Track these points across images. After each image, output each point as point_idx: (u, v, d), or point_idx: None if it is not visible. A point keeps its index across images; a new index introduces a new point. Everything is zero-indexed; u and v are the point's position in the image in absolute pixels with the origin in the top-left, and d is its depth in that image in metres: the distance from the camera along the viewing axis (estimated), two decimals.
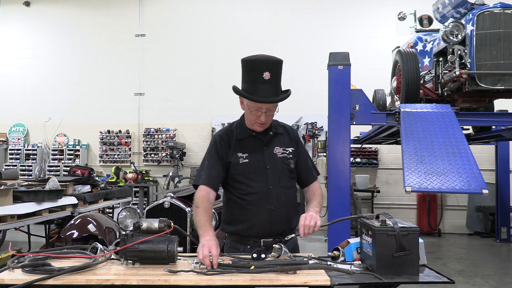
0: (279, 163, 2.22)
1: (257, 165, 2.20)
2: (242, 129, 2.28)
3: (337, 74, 4.69)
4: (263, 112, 2.14)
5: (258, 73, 2.07)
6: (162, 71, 10.06)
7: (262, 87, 2.07)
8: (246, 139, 2.25)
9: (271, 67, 2.08)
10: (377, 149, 9.18)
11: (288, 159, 2.25)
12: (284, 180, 2.23)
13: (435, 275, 1.86)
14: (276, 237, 2.18)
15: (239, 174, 2.21)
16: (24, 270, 1.69)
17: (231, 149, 2.24)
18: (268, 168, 2.20)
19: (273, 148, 2.24)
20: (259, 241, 2.17)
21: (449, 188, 3.64)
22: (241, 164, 2.20)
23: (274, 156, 2.23)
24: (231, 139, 2.26)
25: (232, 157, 2.22)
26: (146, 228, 1.89)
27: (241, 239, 2.21)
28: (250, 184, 2.18)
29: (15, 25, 10.76)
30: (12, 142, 10.44)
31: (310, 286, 1.65)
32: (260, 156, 2.21)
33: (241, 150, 2.22)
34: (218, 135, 2.32)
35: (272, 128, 2.29)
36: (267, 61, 2.09)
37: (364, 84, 5.97)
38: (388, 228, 1.82)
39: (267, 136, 2.26)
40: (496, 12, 4.62)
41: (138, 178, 9.12)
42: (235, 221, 2.23)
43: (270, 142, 2.26)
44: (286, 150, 2.26)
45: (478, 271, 5.74)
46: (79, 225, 3.73)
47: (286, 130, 2.35)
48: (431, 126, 4.27)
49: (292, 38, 9.56)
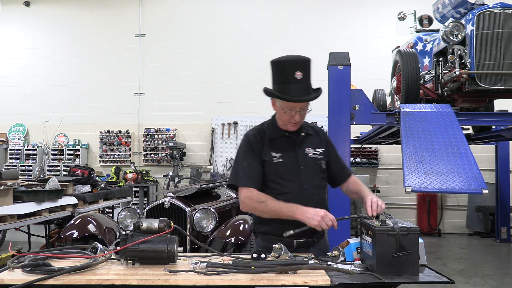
0: (311, 164, 2.24)
1: (291, 165, 2.20)
2: (274, 129, 2.27)
3: (337, 74, 4.69)
4: (297, 111, 2.14)
5: (290, 73, 2.08)
6: (162, 71, 10.06)
7: (295, 87, 2.08)
8: (279, 139, 2.24)
9: (302, 66, 2.10)
10: (377, 149, 9.18)
11: (319, 160, 2.27)
12: (316, 180, 2.24)
13: (435, 275, 1.86)
14: (309, 238, 2.18)
15: (273, 173, 2.20)
16: (24, 270, 1.69)
17: (264, 148, 2.23)
18: (301, 168, 2.21)
19: (305, 149, 2.25)
20: (292, 241, 2.16)
21: (449, 188, 3.65)
22: (275, 164, 2.20)
23: (306, 156, 2.24)
24: (264, 138, 2.25)
25: (266, 156, 2.21)
26: (146, 228, 1.89)
27: (274, 239, 2.18)
28: (284, 184, 2.18)
29: (15, 25, 10.76)
30: (12, 142, 10.44)
31: (310, 286, 1.65)
32: (293, 156, 2.22)
33: (275, 150, 2.22)
34: (251, 134, 2.29)
35: (303, 129, 2.29)
36: (298, 60, 2.12)
37: (364, 84, 5.97)
38: (388, 228, 1.82)
39: (300, 137, 2.27)
40: (496, 12, 4.62)
41: (138, 178, 9.12)
42: (268, 220, 2.21)
43: (302, 143, 2.26)
44: (316, 151, 2.28)
45: (478, 271, 5.74)
46: (79, 225, 3.73)
47: (315, 131, 2.37)
48: (431, 126, 4.28)
49: (292, 38, 9.56)
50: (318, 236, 2.25)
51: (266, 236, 2.25)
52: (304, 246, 2.18)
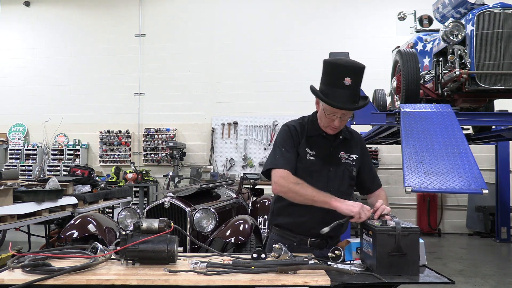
0: (342, 168, 2.21)
1: (321, 165, 2.19)
2: (314, 127, 2.24)
3: None
4: (338, 117, 2.10)
5: (340, 77, 2.02)
6: (162, 71, 10.06)
7: (342, 92, 2.03)
8: (316, 138, 2.22)
9: (353, 73, 2.03)
10: (377, 149, 9.17)
11: (351, 166, 2.23)
12: (344, 185, 2.22)
13: (435, 275, 1.86)
14: (324, 239, 2.17)
15: (303, 169, 2.18)
16: (24, 270, 1.69)
17: (301, 143, 2.21)
18: (331, 170, 2.19)
19: (339, 152, 2.22)
20: (307, 239, 2.16)
21: (449, 188, 3.65)
22: (307, 160, 2.18)
23: (339, 160, 2.21)
24: (303, 133, 2.23)
25: (301, 150, 2.19)
26: (146, 228, 1.89)
27: (288, 234, 2.18)
28: (311, 182, 2.12)
29: (15, 25, 10.76)
30: (12, 142, 10.44)
31: (310, 286, 1.65)
32: (326, 157, 2.20)
33: (310, 147, 2.20)
34: (291, 124, 2.26)
35: (342, 132, 2.25)
36: (351, 66, 2.04)
37: (364, 84, 5.95)
38: (389, 228, 1.82)
39: (337, 140, 2.23)
40: (496, 12, 4.62)
41: (138, 178, 9.12)
42: (287, 213, 2.21)
43: (337, 146, 2.23)
44: (350, 157, 2.24)
45: (478, 271, 5.74)
46: (79, 225, 3.73)
47: (353, 136, 2.32)
48: (431, 126, 4.28)
49: (292, 38, 9.56)
50: (333, 239, 2.23)
51: (280, 230, 2.25)
52: (318, 246, 2.18)
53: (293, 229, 2.19)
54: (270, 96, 9.28)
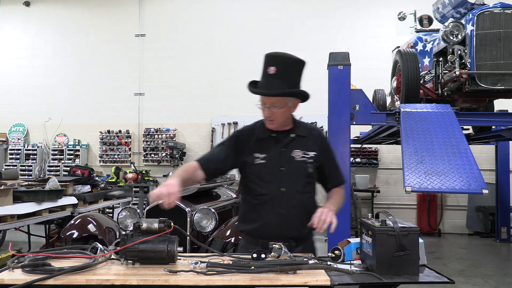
0: (296, 167, 2.16)
1: (272, 167, 2.16)
2: (264, 129, 2.23)
3: (337, 74, 4.69)
4: (267, 107, 2.12)
5: (266, 66, 2.10)
6: (162, 71, 10.06)
7: (265, 80, 2.09)
8: (266, 140, 2.20)
9: (278, 62, 2.07)
10: (377, 149, 9.17)
11: (307, 163, 2.18)
12: (299, 184, 2.17)
13: (435, 275, 1.86)
14: (286, 241, 2.12)
15: (253, 174, 2.18)
16: (24, 270, 1.69)
17: (248, 148, 2.20)
18: (283, 170, 2.15)
19: (292, 151, 2.18)
20: (267, 243, 2.13)
21: (449, 188, 3.64)
22: (256, 165, 2.17)
23: (291, 159, 2.17)
24: (251, 138, 2.22)
25: (248, 157, 2.19)
26: (146, 228, 1.89)
27: (252, 239, 2.20)
28: (263, 185, 2.15)
29: (15, 25, 10.76)
30: (12, 142, 10.44)
31: (310, 286, 1.65)
32: (277, 158, 2.17)
33: (259, 150, 2.19)
34: (238, 131, 2.31)
35: (295, 130, 2.23)
36: (275, 56, 2.10)
37: (364, 84, 5.97)
38: (388, 228, 1.82)
39: (288, 139, 2.20)
40: (496, 12, 4.62)
41: (138, 178, 9.11)
42: (247, 220, 2.23)
43: (289, 145, 2.20)
44: (306, 154, 2.19)
45: (478, 271, 5.74)
46: (79, 225, 3.73)
47: (311, 133, 2.27)
48: (431, 126, 4.27)
49: (292, 38, 9.55)
50: (298, 240, 2.19)
51: (245, 236, 2.26)
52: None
53: (254, 234, 2.19)
54: None
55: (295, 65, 2.13)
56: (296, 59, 2.12)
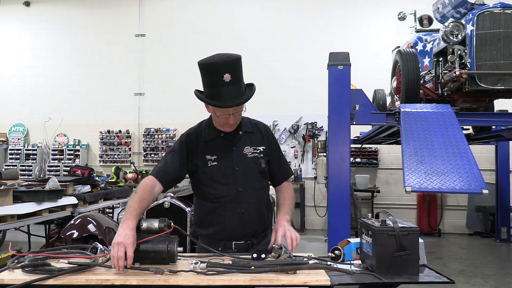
0: (249, 164, 2.15)
1: (226, 168, 2.13)
2: (211, 130, 2.19)
3: (337, 74, 4.69)
4: (231, 114, 2.05)
5: (218, 76, 1.95)
6: (162, 71, 10.06)
7: (225, 90, 1.96)
8: (215, 141, 2.17)
9: (230, 67, 1.96)
10: (377, 149, 9.18)
11: (259, 159, 2.17)
12: (254, 181, 2.16)
13: (435, 275, 1.86)
14: (248, 239, 2.15)
15: (207, 177, 2.14)
16: (24, 270, 1.69)
17: (198, 151, 2.16)
18: (237, 170, 2.13)
19: (243, 148, 2.16)
20: (231, 243, 2.14)
21: (449, 188, 3.64)
22: (209, 167, 2.13)
23: (244, 156, 2.15)
24: (200, 140, 2.18)
25: (199, 160, 2.15)
26: (146, 228, 1.89)
27: (212, 241, 2.16)
28: (219, 188, 2.12)
29: (15, 25, 10.76)
30: (12, 142, 10.44)
31: (310, 286, 1.65)
32: (229, 158, 2.14)
33: (210, 153, 2.14)
34: (186, 134, 2.23)
35: (242, 127, 2.20)
36: (224, 61, 1.96)
37: (364, 84, 5.97)
38: (388, 228, 1.82)
39: (237, 137, 2.18)
40: (496, 12, 4.62)
41: (138, 178, 9.11)
42: (206, 224, 2.19)
43: (239, 142, 2.18)
44: (256, 149, 2.18)
45: (478, 271, 5.74)
46: (79, 225, 3.73)
47: (258, 128, 2.26)
48: (431, 126, 4.27)
49: (292, 38, 9.56)
50: (259, 237, 2.20)
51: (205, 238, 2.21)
52: (244, 248, 2.15)
53: (215, 237, 2.17)
54: (270, 96, 9.26)
55: (239, 63, 2.01)
56: (238, 57, 2.00)
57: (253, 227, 2.17)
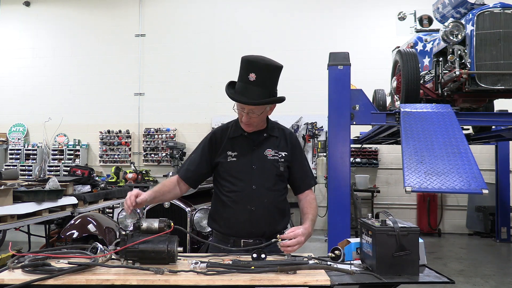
0: (267, 165, 2.19)
1: (243, 165, 2.19)
2: (237, 128, 2.27)
3: (337, 74, 4.69)
4: (245, 112, 2.12)
5: (246, 72, 2.07)
6: (162, 71, 10.06)
7: (245, 87, 2.07)
8: (238, 138, 2.24)
9: (257, 69, 2.04)
10: (377, 149, 9.17)
11: (279, 162, 2.21)
12: (270, 182, 2.19)
13: (435, 275, 1.86)
14: (257, 239, 2.16)
15: (225, 172, 2.22)
16: (24, 270, 1.69)
17: (221, 148, 2.24)
18: (254, 168, 2.18)
19: (264, 150, 2.22)
20: (239, 241, 2.16)
21: (449, 188, 3.64)
22: (228, 162, 2.20)
23: (263, 157, 2.20)
24: (224, 137, 2.26)
25: (221, 155, 2.23)
26: (146, 228, 1.89)
27: (223, 237, 2.22)
28: (235, 183, 2.18)
29: (15, 25, 10.76)
30: (12, 142, 10.44)
31: (310, 286, 1.65)
32: (248, 156, 2.20)
33: (231, 149, 2.22)
34: (213, 132, 2.33)
35: (268, 130, 2.27)
36: (256, 62, 2.06)
37: (364, 84, 5.97)
38: (388, 228, 1.82)
39: (260, 138, 2.24)
40: (496, 12, 4.62)
41: (138, 178, 9.12)
42: (218, 217, 2.25)
43: (261, 144, 2.23)
44: (278, 154, 2.22)
45: (478, 271, 5.74)
46: (79, 225, 3.74)
47: (284, 134, 2.31)
48: (431, 126, 4.27)
49: (292, 38, 9.56)
50: (268, 238, 2.15)
51: (216, 234, 2.27)
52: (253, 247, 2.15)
53: (225, 232, 2.21)
54: None
55: (274, 71, 2.10)
56: (275, 65, 2.09)
57: (262, 227, 2.17)
